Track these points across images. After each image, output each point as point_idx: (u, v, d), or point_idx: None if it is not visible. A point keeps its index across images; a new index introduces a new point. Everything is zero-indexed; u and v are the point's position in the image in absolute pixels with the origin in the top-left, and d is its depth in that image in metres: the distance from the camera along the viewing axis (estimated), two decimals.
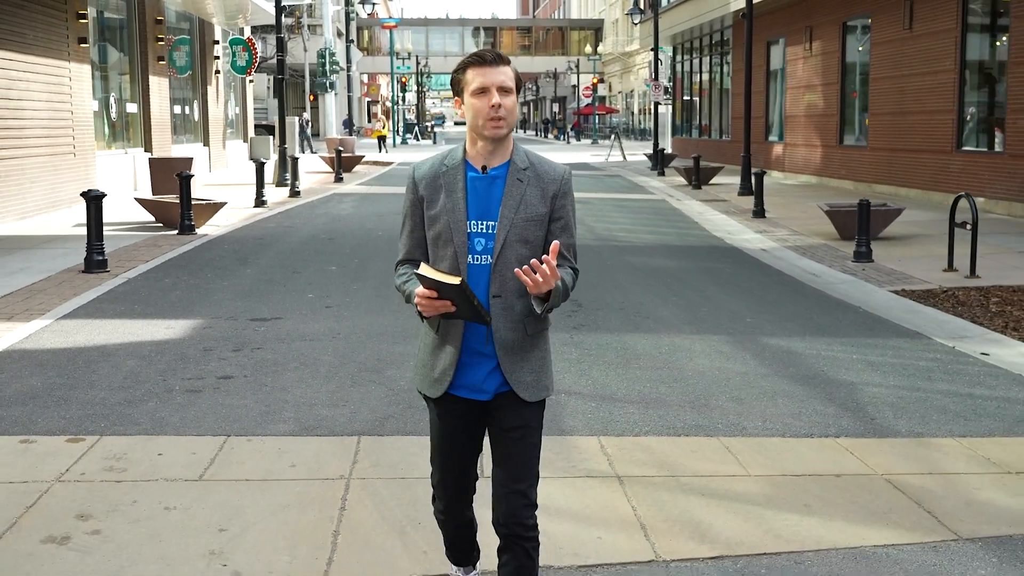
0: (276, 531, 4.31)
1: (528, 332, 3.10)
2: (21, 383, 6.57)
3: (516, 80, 3.08)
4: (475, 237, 3.05)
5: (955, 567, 4.10)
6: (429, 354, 3.18)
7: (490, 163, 3.08)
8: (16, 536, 4.22)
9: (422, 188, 3.12)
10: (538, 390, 3.14)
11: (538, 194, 3.07)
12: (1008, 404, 6.50)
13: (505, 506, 3.09)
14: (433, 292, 2.91)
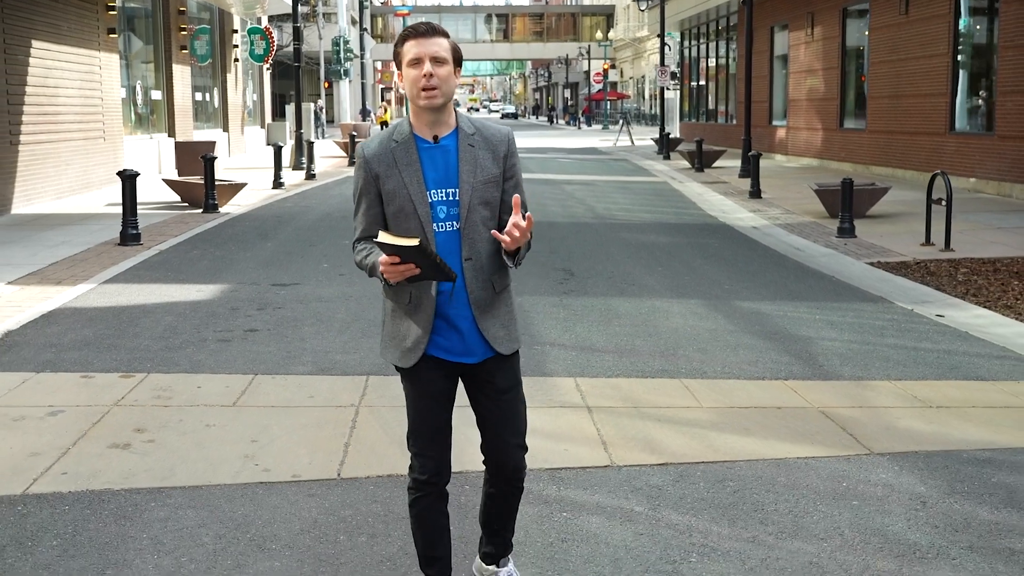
0: (298, 442, 5.20)
1: (496, 290, 3.24)
2: (76, 333, 7.50)
3: (453, 52, 3.15)
4: (438, 206, 3.15)
5: (860, 472, 4.95)
6: (399, 325, 3.25)
7: (439, 132, 3.17)
8: (87, 443, 5.14)
9: (375, 165, 3.18)
10: (510, 342, 3.28)
11: (490, 156, 3.20)
12: (947, 355, 7.32)
13: (511, 461, 3.32)
14: (396, 258, 2.96)
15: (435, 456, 3.26)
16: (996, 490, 4.71)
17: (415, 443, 3.28)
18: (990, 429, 5.61)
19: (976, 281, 10.28)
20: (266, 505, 4.43)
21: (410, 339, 3.21)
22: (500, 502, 3.42)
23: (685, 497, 4.59)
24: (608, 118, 66.87)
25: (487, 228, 3.18)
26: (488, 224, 3.19)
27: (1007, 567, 3.94)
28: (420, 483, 3.27)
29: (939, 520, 4.37)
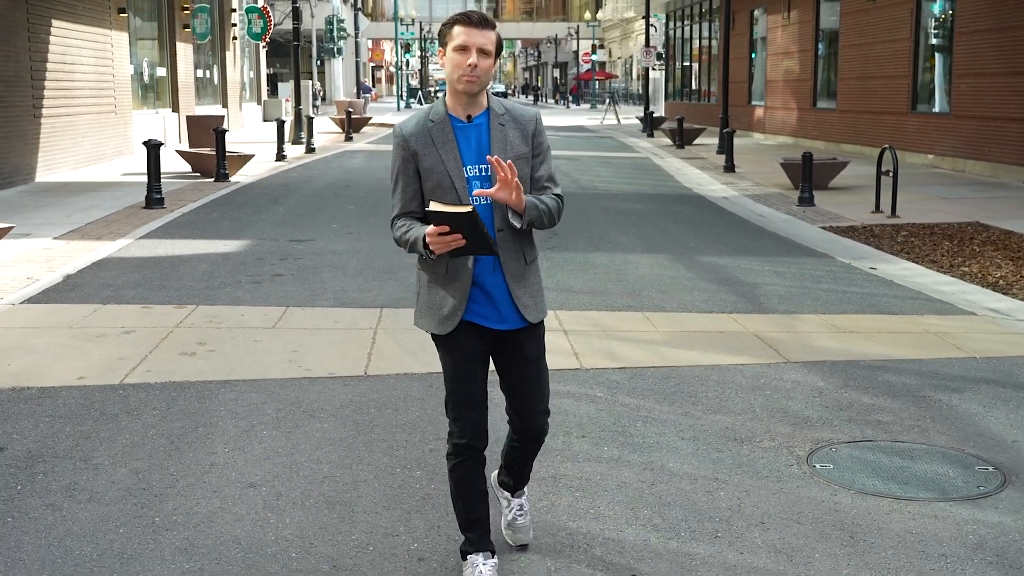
0: (330, 351, 6.48)
1: (527, 261, 3.43)
2: (127, 276, 8.76)
3: (497, 44, 3.31)
4: (473, 180, 3.30)
5: (776, 373, 6.25)
6: (435, 295, 3.39)
7: (472, 112, 3.35)
8: (160, 352, 6.42)
9: (413, 143, 3.32)
10: (538, 311, 3.46)
11: (519, 135, 3.37)
12: (870, 297, 8.63)
13: (535, 426, 3.56)
14: (445, 227, 3.08)
15: (474, 419, 3.39)
16: (879, 385, 6.02)
17: (453, 408, 3.42)
18: (887, 347, 6.93)
19: (912, 242, 11.59)
20: (311, 391, 5.71)
21: (447, 307, 3.35)
22: (522, 453, 3.68)
23: (636, 388, 5.89)
24: (596, 97, 67.98)
25: None
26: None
27: (873, 431, 5.24)
28: (459, 447, 3.40)
29: (830, 403, 5.68)
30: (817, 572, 3.72)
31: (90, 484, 4.40)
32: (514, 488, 3.79)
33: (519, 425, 3.58)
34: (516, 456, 3.70)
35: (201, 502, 4.22)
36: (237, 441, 4.93)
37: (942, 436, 5.18)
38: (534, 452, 3.70)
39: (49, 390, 5.66)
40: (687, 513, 4.20)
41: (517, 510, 3.78)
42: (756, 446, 5.00)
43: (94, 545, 3.84)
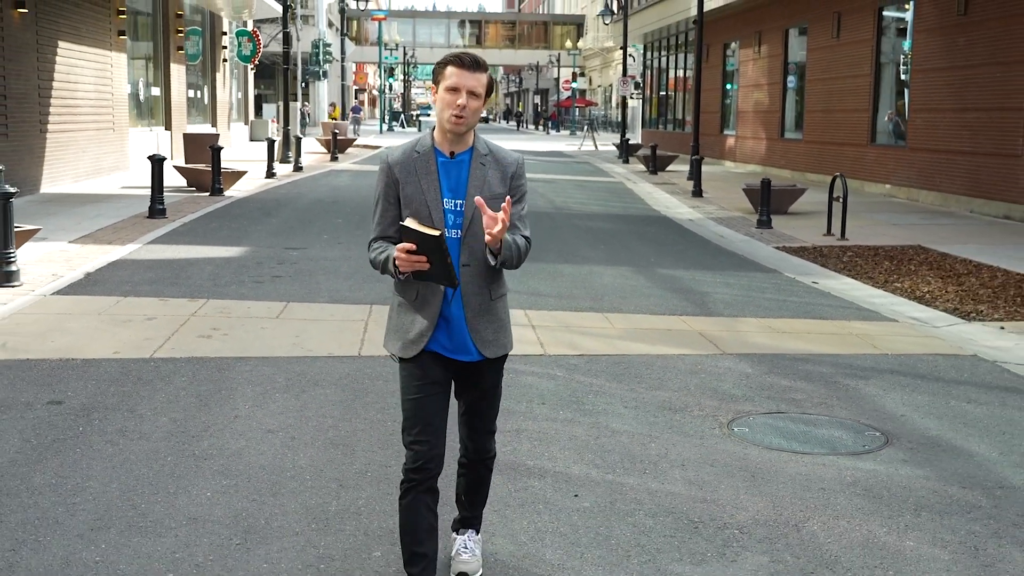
0: (328, 337, 7.47)
1: (492, 297, 3.52)
2: (141, 275, 9.73)
3: (488, 87, 3.42)
4: (448, 213, 3.43)
5: (712, 362, 7.28)
6: (405, 319, 3.49)
7: (456, 149, 3.45)
8: (181, 335, 7.39)
9: (397, 171, 3.44)
10: (498, 347, 3.55)
11: (498, 176, 3.48)
12: (807, 305, 9.69)
13: (479, 444, 3.69)
14: (413, 245, 3.21)
15: (428, 443, 3.43)
16: (798, 372, 7.06)
17: (408, 432, 3.47)
18: (813, 344, 7.98)
19: (856, 261, 12.70)
20: (313, 366, 6.70)
21: (413, 332, 3.46)
22: (470, 475, 3.76)
23: (591, 370, 6.91)
24: (576, 124, 69.34)
25: None
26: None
27: (787, 406, 6.27)
28: (410, 471, 3.44)
29: (754, 384, 6.71)
30: (720, 497, 4.73)
31: (138, 428, 5.38)
32: (464, 522, 3.86)
33: (464, 441, 3.71)
34: (465, 481, 3.78)
35: (230, 442, 5.20)
36: (255, 400, 5.91)
37: (843, 411, 6.21)
38: (481, 473, 3.76)
39: (91, 361, 6.63)
40: (623, 457, 5.21)
41: (461, 547, 3.83)
42: (687, 414, 6.02)
43: (149, 468, 4.81)
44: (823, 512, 4.59)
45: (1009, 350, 7.99)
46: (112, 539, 4.06)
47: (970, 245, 13.85)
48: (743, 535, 4.31)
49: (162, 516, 4.29)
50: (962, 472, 5.16)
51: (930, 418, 6.07)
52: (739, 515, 4.52)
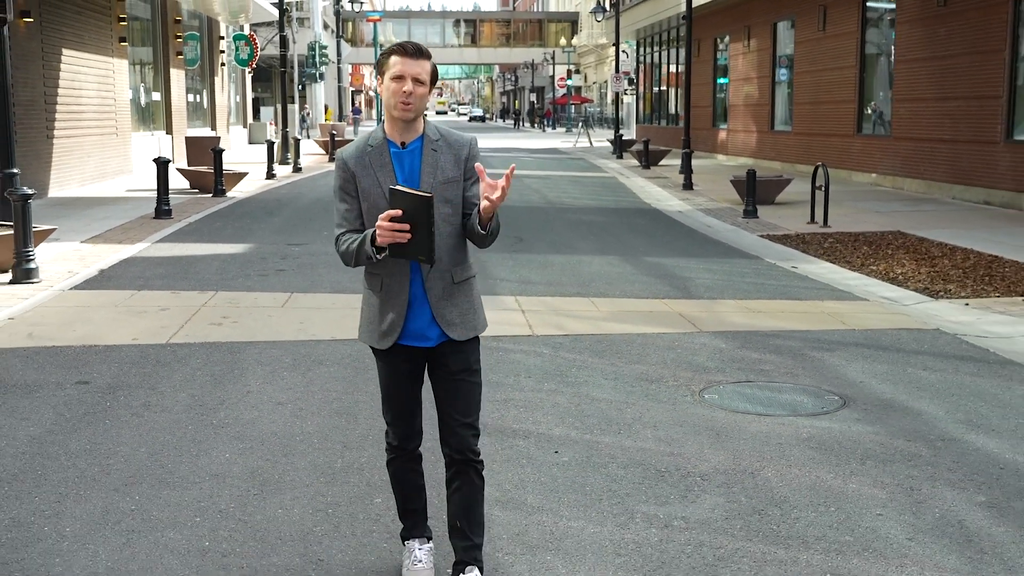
0: (330, 323, 8.00)
1: (455, 281, 3.53)
2: (152, 271, 10.26)
3: (432, 74, 3.46)
4: None
5: (689, 339, 7.80)
6: (375, 311, 3.56)
7: (407, 138, 3.49)
8: (193, 323, 7.93)
9: (352, 165, 3.48)
10: (466, 329, 3.55)
11: (451, 160, 3.50)
12: (784, 287, 10.21)
13: (457, 439, 3.58)
14: (398, 212, 3.24)
15: (404, 426, 3.66)
16: (769, 346, 7.59)
17: (387, 414, 3.70)
18: (785, 322, 8.51)
19: (836, 247, 13.21)
20: (318, 348, 7.23)
21: (385, 323, 3.52)
22: (460, 486, 3.63)
23: (575, 347, 7.44)
24: (571, 121, 69.86)
25: (447, 224, 3.48)
26: (450, 221, 3.49)
27: (756, 376, 6.79)
28: (393, 447, 3.71)
29: (726, 358, 7.24)
30: (686, 451, 5.26)
31: (160, 402, 5.91)
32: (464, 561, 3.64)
33: (444, 439, 3.63)
34: (457, 498, 3.63)
35: (244, 413, 5.73)
36: (265, 378, 6.45)
37: (807, 379, 6.73)
38: (473, 487, 3.63)
39: (112, 347, 7.16)
40: (600, 420, 5.74)
41: None
42: (662, 384, 6.54)
43: (172, 435, 5.34)
44: (777, 462, 5.11)
45: (970, 324, 8.51)
46: (144, 492, 4.59)
47: (948, 230, 14.37)
48: (704, 481, 4.84)
49: (187, 473, 4.82)
50: (909, 428, 5.68)
51: (886, 384, 6.60)
52: (702, 466, 5.05)
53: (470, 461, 3.61)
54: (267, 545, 4.07)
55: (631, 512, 4.46)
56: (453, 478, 3.64)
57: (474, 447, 3.61)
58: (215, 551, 4.01)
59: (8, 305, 8.50)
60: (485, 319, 3.69)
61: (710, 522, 4.37)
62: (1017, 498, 4.67)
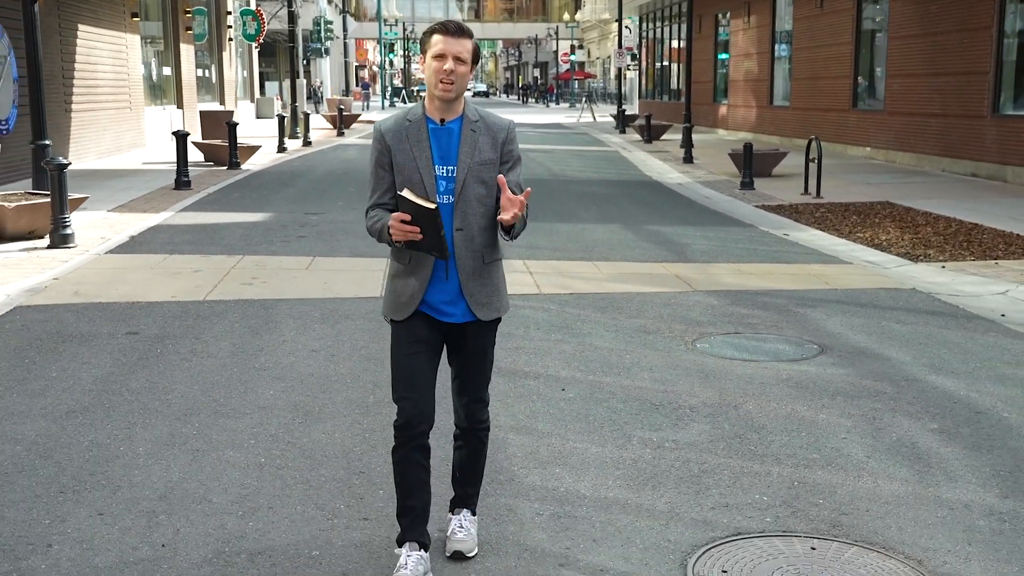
0: (353, 283, 8.65)
1: (485, 261, 3.57)
2: (180, 237, 10.91)
3: (473, 53, 3.47)
4: (440, 180, 3.48)
5: (684, 297, 8.44)
6: (397, 283, 3.59)
7: (447, 116, 3.51)
8: (225, 283, 8.58)
9: (389, 138, 3.51)
10: (491, 310, 3.61)
11: (489, 142, 3.53)
12: (775, 252, 10.85)
13: (467, 412, 3.71)
14: (407, 216, 3.29)
15: (415, 400, 3.51)
16: (758, 303, 8.23)
17: (396, 390, 3.56)
18: (774, 282, 9.15)
19: (827, 216, 13.84)
20: (343, 304, 7.88)
21: (405, 295, 3.55)
22: (465, 446, 3.79)
23: (579, 304, 8.09)
24: (575, 97, 70.25)
25: (481, 205, 3.52)
26: (484, 202, 3.53)
27: (744, 328, 7.43)
28: (400, 429, 3.54)
29: (717, 313, 7.88)
30: (678, 389, 5.91)
31: (205, 349, 6.57)
32: (460, 501, 3.87)
33: (456, 409, 3.75)
34: (460, 457, 3.82)
35: (282, 358, 6.39)
36: (298, 330, 7.10)
37: (791, 331, 7.38)
38: (477, 451, 3.80)
39: (154, 303, 7.82)
40: (603, 364, 6.39)
41: (457, 525, 3.82)
42: (658, 335, 7.19)
43: (220, 376, 6.01)
44: (758, 398, 5.77)
45: (945, 284, 9.15)
46: (203, 421, 5.25)
47: (934, 200, 14.98)
48: (692, 412, 5.50)
49: (238, 406, 5.48)
50: (877, 370, 6.33)
51: (861, 334, 7.24)
52: (691, 400, 5.71)
53: (476, 429, 3.77)
54: (315, 461, 4.73)
55: (628, 436, 5.12)
56: (460, 439, 3.81)
57: (483, 418, 3.77)
58: (270, 465, 4.68)
59: (51, 268, 9.15)
60: (508, 301, 3.74)
61: (696, 444, 5.03)
62: (965, 425, 5.33)
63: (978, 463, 4.82)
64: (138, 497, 4.31)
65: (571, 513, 4.22)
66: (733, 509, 4.28)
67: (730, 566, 3.83)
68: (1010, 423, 5.38)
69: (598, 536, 4.02)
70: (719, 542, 4.00)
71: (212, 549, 3.84)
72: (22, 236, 10.48)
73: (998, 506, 4.34)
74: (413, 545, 3.59)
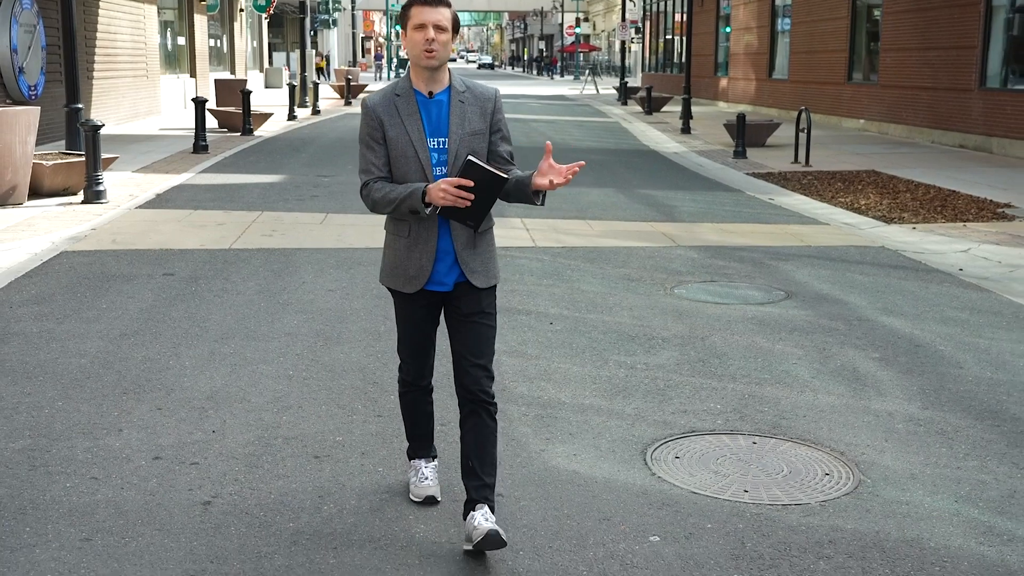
0: (364, 236, 9.43)
1: (478, 231, 3.59)
2: (202, 195, 11.70)
3: (453, 22, 3.50)
4: (432, 152, 3.51)
5: (667, 251, 9.20)
6: (402, 255, 3.61)
7: (434, 88, 3.53)
8: (247, 234, 9.37)
9: (379, 112, 3.51)
10: (487, 277, 3.65)
11: (477, 112, 3.56)
12: (758, 214, 11.59)
13: (470, 378, 3.63)
14: (469, 183, 3.29)
15: (418, 365, 3.84)
16: (735, 257, 8.99)
17: (402, 352, 3.85)
18: (753, 240, 9.91)
19: (813, 183, 14.56)
20: (355, 254, 8.66)
21: (413, 269, 3.59)
22: (473, 425, 3.65)
23: (570, 255, 8.86)
24: (579, 69, 70.70)
25: None
26: None
27: (719, 278, 8.20)
28: (407, 382, 3.90)
29: (697, 264, 8.65)
30: (653, 324, 6.69)
31: (234, 288, 7.36)
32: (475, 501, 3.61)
33: (457, 380, 3.68)
34: (470, 437, 3.65)
35: (304, 297, 7.18)
36: (315, 274, 7.89)
37: (762, 280, 8.15)
38: (486, 427, 3.65)
39: (185, 251, 8.62)
40: (588, 305, 7.17)
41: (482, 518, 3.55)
42: (640, 283, 7.96)
43: (249, 309, 6.80)
44: (724, 332, 6.55)
45: (913, 243, 9.90)
46: (237, 343, 6.05)
47: (919, 169, 15.69)
48: (664, 342, 6.28)
49: (266, 333, 6.27)
50: (834, 312, 7.11)
51: (826, 284, 8.01)
52: (664, 333, 6.49)
53: (482, 402, 3.63)
54: (336, 374, 5.53)
55: (605, 359, 5.91)
56: (467, 419, 3.67)
57: (487, 388, 3.65)
58: (298, 377, 5.47)
59: (87, 220, 9.93)
60: (498, 267, 3.77)
61: (664, 366, 5.81)
62: (903, 355, 6.11)
63: (908, 383, 5.60)
64: (189, 398, 5.11)
65: (552, 415, 5.01)
66: (690, 414, 5.07)
67: (682, 453, 4.62)
68: (944, 354, 6.15)
69: (574, 431, 4.81)
70: (675, 437, 4.79)
71: (254, 435, 4.64)
72: (57, 192, 11.26)
73: (917, 415, 5.12)
74: (427, 458, 4.02)
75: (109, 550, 3.58)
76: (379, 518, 3.86)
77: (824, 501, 4.12)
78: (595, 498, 4.09)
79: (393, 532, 3.75)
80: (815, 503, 4.10)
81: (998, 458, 4.57)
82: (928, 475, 4.38)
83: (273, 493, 4.06)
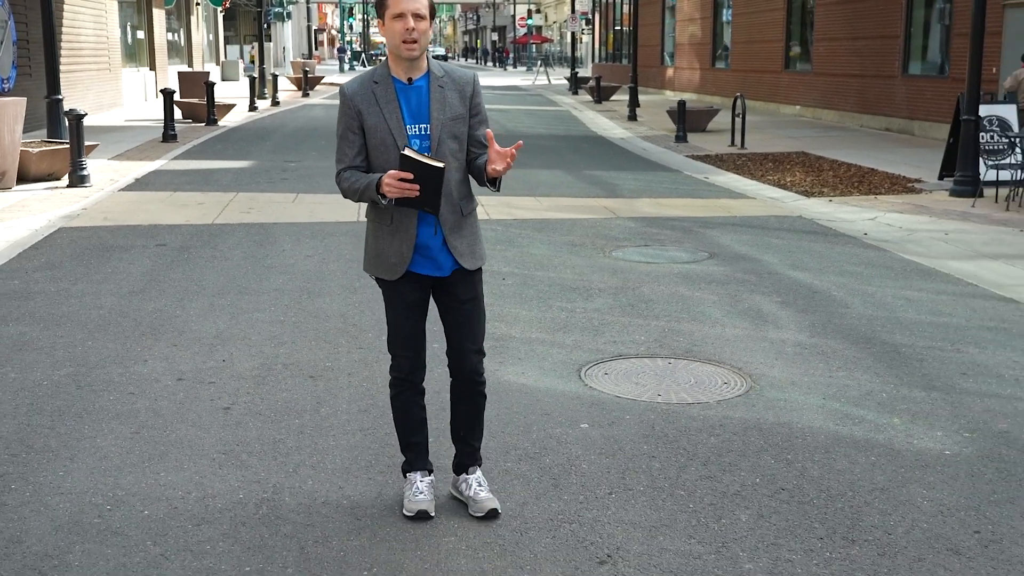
0: (334, 212, 10.39)
1: (463, 213, 3.67)
2: (179, 179, 12.58)
3: (430, 8, 3.51)
4: (412, 139, 3.53)
5: (607, 221, 10.26)
6: (383, 242, 3.64)
7: (412, 75, 3.56)
8: (227, 212, 10.29)
9: (357, 101, 3.53)
10: (475, 258, 3.71)
11: (457, 96, 3.58)
12: (692, 191, 12.69)
13: (468, 365, 3.77)
14: (409, 175, 3.32)
15: (410, 357, 3.75)
16: (667, 225, 10.07)
17: (393, 346, 3.77)
18: (686, 212, 11.00)
19: (747, 163, 15.72)
20: (327, 226, 9.62)
21: (394, 256, 3.60)
22: (463, 405, 3.86)
23: (521, 226, 9.89)
24: (532, 60, 71.73)
25: (455, 159, 3.58)
26: (457, 156, 3.60)
27: (652, 243, 9.27)
28: (399, 380, 3.79)
29: (634, 232, 9.71)
30: (591, 278, 7.74)
31: (223, 255, 8.31)
32: (466, 465, 3.92)
33: (454, 365, 3.79)
34: (459, 412, 3.88)
35: (285, 262, 8.14)
36: (293, 244, 8.84)
37: (689, 244, 9.22)
38: (474, 402, 3.87)
39: (172, 225, 9.53)
40: (536, 265, 8.20)
41: (477, 485, 3.87)
42: (583, 247, 9.01)
43: (239, 271, 7.75)
44: (652, 284, 7.62)
45: (828, 213, 11.05)
46: (232, 297, 7.00)
47: (844, 150, 16.92)
48: (600, 292, 7.33)
49: (257, 289, 7.23)
50: (749, 269, 8.20)
51: (745, 246, 9.11)
52: (601, 285, 7.54)
53: (478, 383, 3.82)
54: (320, 319, 6.51)
55: (550, 305, 6.95)
56: (459, 396, 3.87)
57: (482, 370, 3.83)
58: (288, 321, 6.45)
59: (76, 202, 10.79)
60: (484, 248, 3.82)
61: (600, 309, 6.86)
62: (802, 299, 7.21)
63: (801, 319, 6.69)
64: (198, 338, 6.07)
65: (504, 346, 6.03)
66: (619, 344, 6.12)
67: (610, 371, 5.66)
68: (836, 298, 7.26)
69: (522, 357, 5.84)
70: (605, 360, 5.83)
71: (257, 362, 5.62)
72: (43, 178, 12.08)
73: (805, 341, 6.22)
74: (423, 472, 3.91)
75: (155, 439, 4.55)
76: (367, 416, 4.86)
77: (720, 400, 5.18)
78: (538, 401, 5.12)
79: (379, 425, 4.75)
80: (713, 401, 5.17)
81: (863, 370, 5.67)
82: (805, 382, 5.47)
83: (279, 401, 5.05)
